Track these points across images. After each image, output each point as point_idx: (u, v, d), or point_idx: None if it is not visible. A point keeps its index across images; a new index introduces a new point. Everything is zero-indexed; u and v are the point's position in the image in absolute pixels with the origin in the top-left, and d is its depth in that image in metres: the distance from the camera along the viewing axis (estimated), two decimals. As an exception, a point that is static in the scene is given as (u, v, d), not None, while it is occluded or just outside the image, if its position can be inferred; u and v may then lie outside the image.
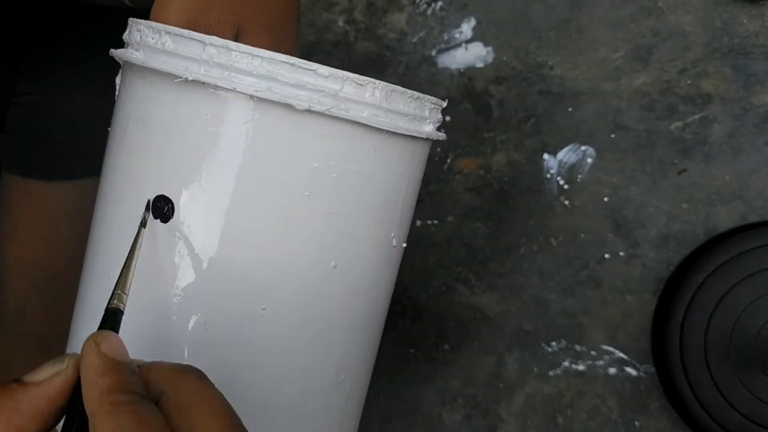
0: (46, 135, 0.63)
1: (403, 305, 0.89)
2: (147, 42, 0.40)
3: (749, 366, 0.78)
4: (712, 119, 0.83)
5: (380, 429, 0.89)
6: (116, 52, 0.42)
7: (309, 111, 0.38)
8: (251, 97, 0.38)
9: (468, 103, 0.87)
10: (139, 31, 0.41)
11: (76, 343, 0.46)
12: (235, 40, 0.42)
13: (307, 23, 0.90)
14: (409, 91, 0.41)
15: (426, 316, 0.89)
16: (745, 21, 0.82)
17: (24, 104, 0.63)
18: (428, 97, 0.43)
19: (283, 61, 0.38)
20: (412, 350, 0.89)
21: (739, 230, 0.80)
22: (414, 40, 0.88)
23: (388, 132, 0.41)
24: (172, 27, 0.39)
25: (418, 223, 0.88)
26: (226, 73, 0.38)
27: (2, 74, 0.62)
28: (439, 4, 0.87)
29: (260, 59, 0.38)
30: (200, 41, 0.38)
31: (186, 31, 0.39)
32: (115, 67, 0.44)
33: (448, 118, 0.87)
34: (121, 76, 0.43)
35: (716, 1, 0.82)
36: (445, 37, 0.87)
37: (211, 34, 0.40)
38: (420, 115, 0.42)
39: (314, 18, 0.90)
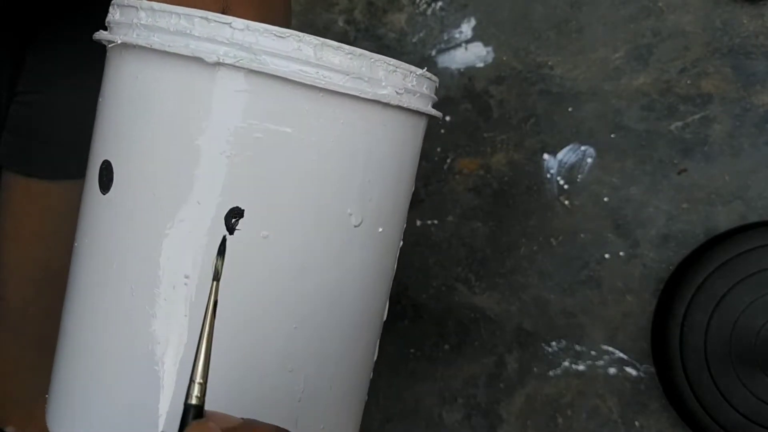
0: (48, 134, 0.63)
1: (403, 305, 0.89)
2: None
3: (749, 366, 0.78)
4: (712, 119, 0.83)
5: (380, 429, 0.89)
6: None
7: (220, 64, 0.37)
8: (165, 53, 0.38)
9: (468, 103, 0.87)
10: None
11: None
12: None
13: (307, 23, 0.90)
14: (347, 47, 0.38)
15: (426, 316, 0.89)
16: (745, 21, 0.82)
17: (25, 103, 0.63)
18: (382, 57, 0.39)
19: (199, 17, 0.37)
20: (412, 350, 0.89)
21: (739, 230, 0.80)
22: (414, 40, 0.88)
23: (323, 90, 0.37)
24: None
25: (418, 223, 0.88)
26: (147, 32, 0.39)
27: (3, 72, 0.62)
28: (439, 4, 0.87)
29: (178, 16, 0.37)
30: (133, 6, 0.39)
31: None
32: None
33: (448, 118, 0.87)
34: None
35: (716, 1, 0.82)
36: (445, 37, 0.87)
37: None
38: (370, 75, 0.39)
39: (314, 18, 0.90)
